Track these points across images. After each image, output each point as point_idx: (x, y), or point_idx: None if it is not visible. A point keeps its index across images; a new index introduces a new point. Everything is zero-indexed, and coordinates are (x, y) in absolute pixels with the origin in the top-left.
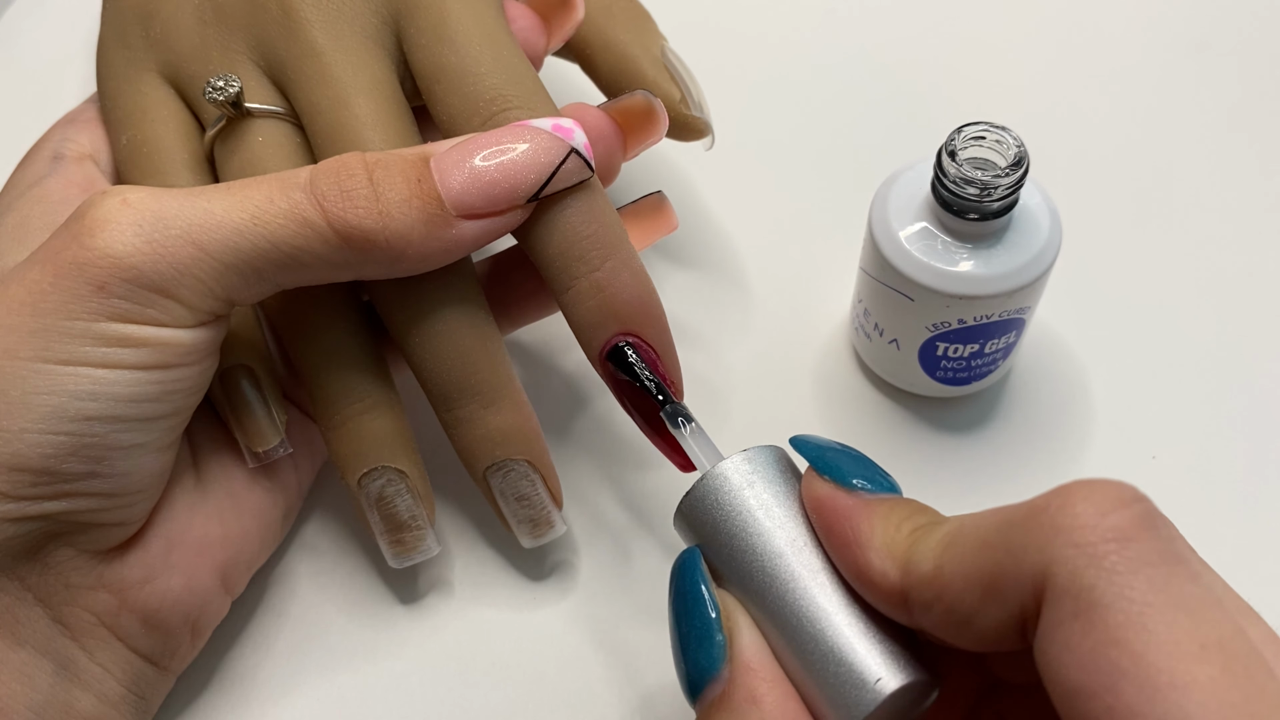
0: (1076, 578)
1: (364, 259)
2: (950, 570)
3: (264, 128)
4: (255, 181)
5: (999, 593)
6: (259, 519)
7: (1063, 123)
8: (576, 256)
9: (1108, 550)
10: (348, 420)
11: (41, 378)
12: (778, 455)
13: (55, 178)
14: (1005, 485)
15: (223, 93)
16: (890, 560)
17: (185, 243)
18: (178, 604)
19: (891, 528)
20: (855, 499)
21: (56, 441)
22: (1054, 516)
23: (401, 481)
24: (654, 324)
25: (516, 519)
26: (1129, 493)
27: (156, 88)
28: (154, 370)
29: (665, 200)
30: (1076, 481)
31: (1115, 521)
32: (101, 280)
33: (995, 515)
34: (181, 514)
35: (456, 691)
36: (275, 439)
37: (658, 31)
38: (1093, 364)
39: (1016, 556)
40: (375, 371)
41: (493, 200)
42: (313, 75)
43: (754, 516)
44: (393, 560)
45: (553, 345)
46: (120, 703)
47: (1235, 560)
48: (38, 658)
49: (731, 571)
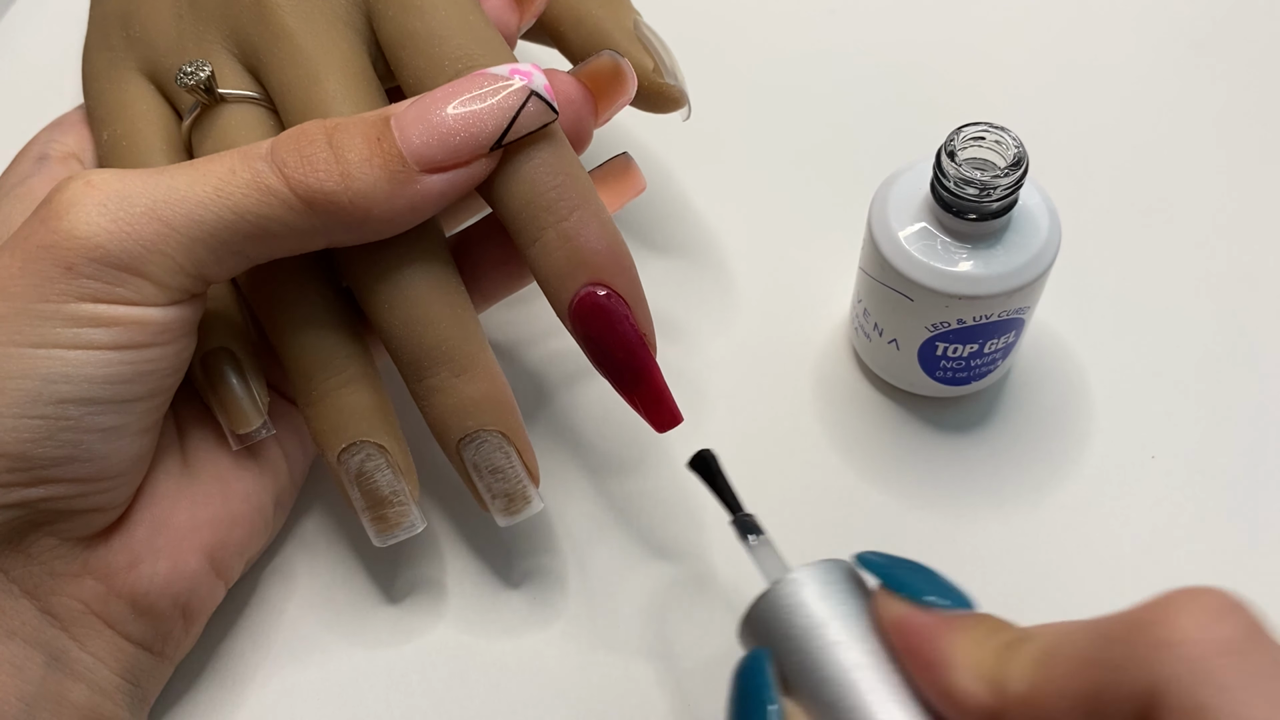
0: (1190, 695)
1: (330, 223)
2: (1048, 690)
3: (237, 112)
4: (218, 156)
5: (1102, 713)
6: (248, 503)
7: (1062, 123)
8: (544, 206)
9: (1221, 665)
10: (325, 395)
11: (13, 362)
12: (847, 570)
13: (39, 177)
14: (1005, 485)
15: (193, 77)
16: (979, 681)
17: (150, 219)
18: (166, 588)
19: (976, 646)
20: (934, 617)
21: (32, 426)
22: (1158, 631)
23: (381, 456)
24: (624, 273)
25: (491, 493)
26: (1230, 601)
27: (137, 85)
28: (127, 350)
29: (632, 161)
30: (1176, 591)
31: (1223, 634)
32: (69, 261)
33: (1091, 629)
34: (167, 497)
35: (455, 691)
36: (257, 420)
37: (630, 6)
38: (1093, 364)
39: (1120, 674)
40: (352, 345)
41: (455, 151)
42: (284, 56)
43: (831, 627)
44: (376, 539)
45: (533, 329)
46: (115, 692)
47: (1235, 560)
48: (28, 649)
49: (802, 682)
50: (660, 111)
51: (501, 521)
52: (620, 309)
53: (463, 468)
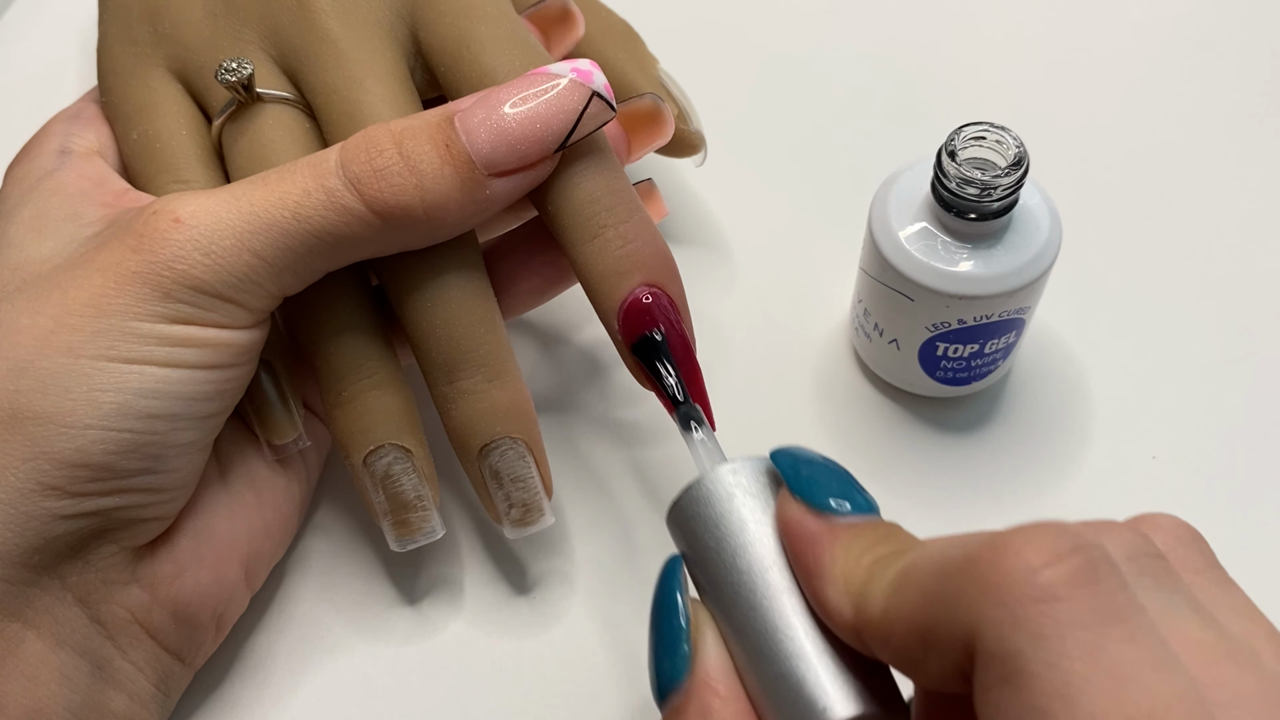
0: (1002, 641)
1: (406, 232)
2: (894, 616)
3: (273, 112)
4: (289, 173)
5: (935, 646)
6: (278, 511)
7: (1063, 122)
8: (606, 207)
9: (1036, 613)
10: (354, 397)
11: (106, 375)
12: (768, 467)
13: (67, 171)
14: (1005, 485)
15: (235, 74)
16: (846, 596)
17: (241, 250)
18: (206, 598)
19: (853, 559)
20: (823, 524)
21: (119, 439)
22: (984, 570)
23: (408, 460)
24: (675, 281)
25: (509, 502)
26: (1067, 542)
27: (165, 83)
28: (212, 369)
29: (655, 188)
30: (1014, 529)
31: (1046, 578)
32: (166, 289)
33: (939, 559)
34: (208, 509)
35: (457, 691)
36: (294, 432)
37: (650, 54)
38: (1093, 364)
39: (949, 611)
40: (381, 349)
41: (522, 155)
42: (327, 59)
43: (732, 529)
44: (395, 543)
45: (549, 334)
46: (150, 701)
47: (1235, 560)
48: (76, 659)
49: (708, 582)
50: (679, 156)
51: (511, 533)
52: (673, 311)
53: (480, 475)
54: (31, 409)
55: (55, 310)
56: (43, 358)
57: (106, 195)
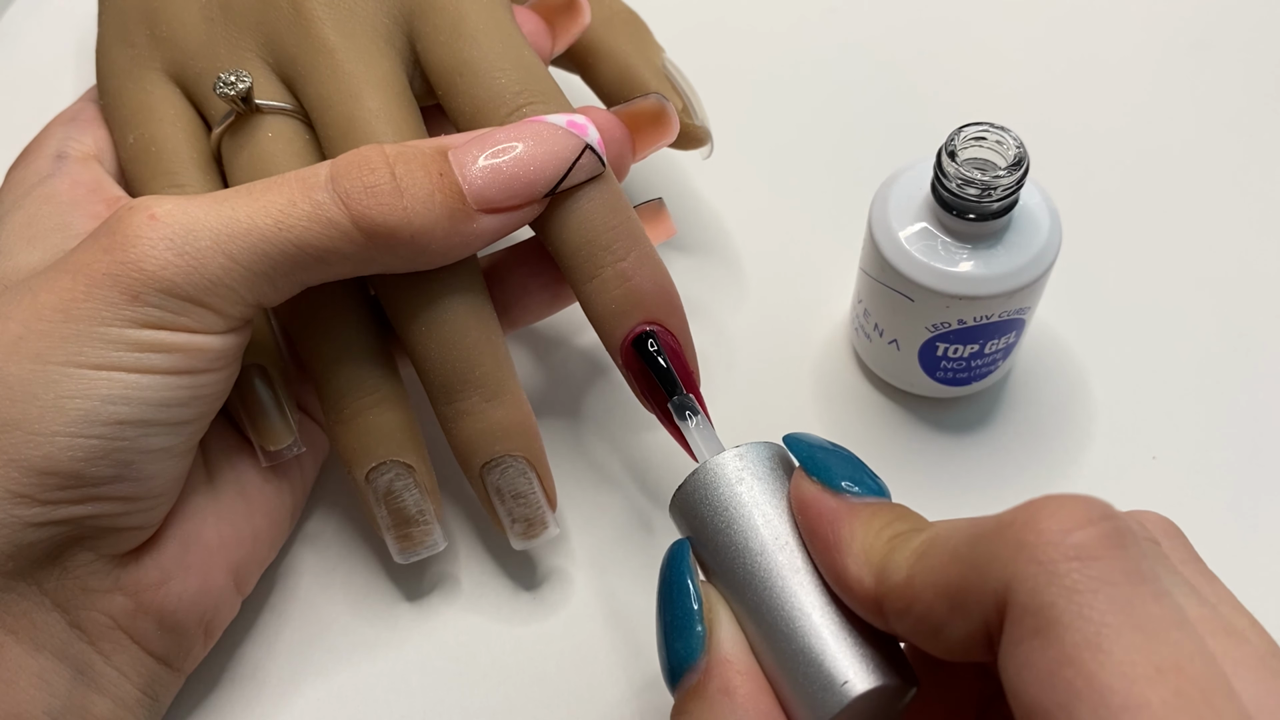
0: (1036, 595)
1: (389, 254)
2: (920, 581)
3: (272, 124)
4: (276, 184)
5: (964, 606)
6: (269, 518)
7: (1063, 123)
8: (602, 246)
9: (1069, 568)
10: (357, 414)
11: (73, 382)
12: (773, 452)
13: (61, 177)
14: (1005, 485)
15: (233, 87)
16: (867, 567)
17: (216, 253)
18: (193, 605)
19: (872, 534)
20: (840, 502)
21: (88, 445)
22: (1019, 532)
23: (409, 476)
24: (676, 314)
25: (512, 517)
26: (1098, 510)
27: (162, 86)
28: (184, 375)
29: (664, 207)
30: (1046, 496)
31: (1079, 539)
32: (135, 291)
33: (967, 527)
34: (195, 515)
35: (457, 691)
36: (289, 438)
37: (656, 42)
38: (1093, 364)
39: (981, 571)
40: (383, 366)
41: (512, 194)
42: (324, 70)
43: (742, 512)
44: (399, 556)
45: (547, 340)
46: (136, 706)
47: (1235, 560)
48: (56, 663)
49: (718, 565)
50: (684, 149)
51: (517, 545)
52: (674, 344)
53: (484, 491)
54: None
55: (25, 315)
56: (10, 364)
57: (98, 204)
